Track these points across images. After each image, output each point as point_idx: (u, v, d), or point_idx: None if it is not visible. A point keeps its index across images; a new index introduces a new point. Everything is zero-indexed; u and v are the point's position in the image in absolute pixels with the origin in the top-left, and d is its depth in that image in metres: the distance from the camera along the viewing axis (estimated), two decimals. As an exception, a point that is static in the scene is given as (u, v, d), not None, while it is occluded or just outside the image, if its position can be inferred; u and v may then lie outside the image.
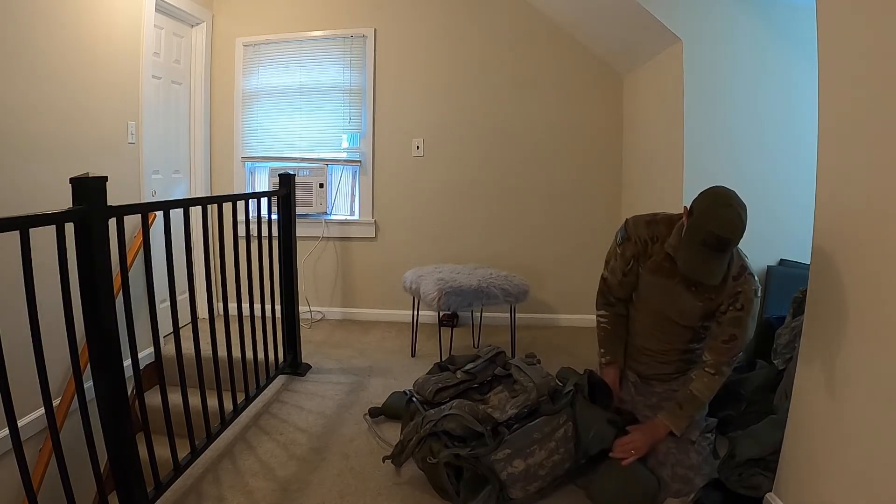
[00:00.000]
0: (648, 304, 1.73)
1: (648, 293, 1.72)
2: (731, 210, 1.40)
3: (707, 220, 1.41)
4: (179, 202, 1.82)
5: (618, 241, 1.73)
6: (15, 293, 1.30)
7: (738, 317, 1.54)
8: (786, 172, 2.43)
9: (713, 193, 1.46)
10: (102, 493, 1.44)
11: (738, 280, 1.54)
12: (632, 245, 1.68)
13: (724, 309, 1.56)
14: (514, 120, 3.41)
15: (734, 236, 1.41)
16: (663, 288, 1.65)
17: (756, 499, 1.57)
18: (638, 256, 1.69)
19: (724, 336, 1.56)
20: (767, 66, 2.40)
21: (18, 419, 1.19)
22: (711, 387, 1.59)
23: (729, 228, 1.39)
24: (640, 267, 1.70)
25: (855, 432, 1.23)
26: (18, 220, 1.14)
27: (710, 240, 1.39)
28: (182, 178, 3.42)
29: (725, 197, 1.44)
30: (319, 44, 3.52)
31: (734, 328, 1.55)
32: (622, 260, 1.72)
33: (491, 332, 3.21)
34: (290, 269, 2.56)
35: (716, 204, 1.42)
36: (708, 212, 1.42)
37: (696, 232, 1.42)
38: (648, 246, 1.66)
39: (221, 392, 1.98)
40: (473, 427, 1.67)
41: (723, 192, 1.46)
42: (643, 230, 1.66)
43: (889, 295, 1.14)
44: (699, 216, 1.43)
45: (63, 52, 2.32)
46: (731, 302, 1.54)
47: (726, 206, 1.41)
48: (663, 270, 1.63)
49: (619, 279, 1.75)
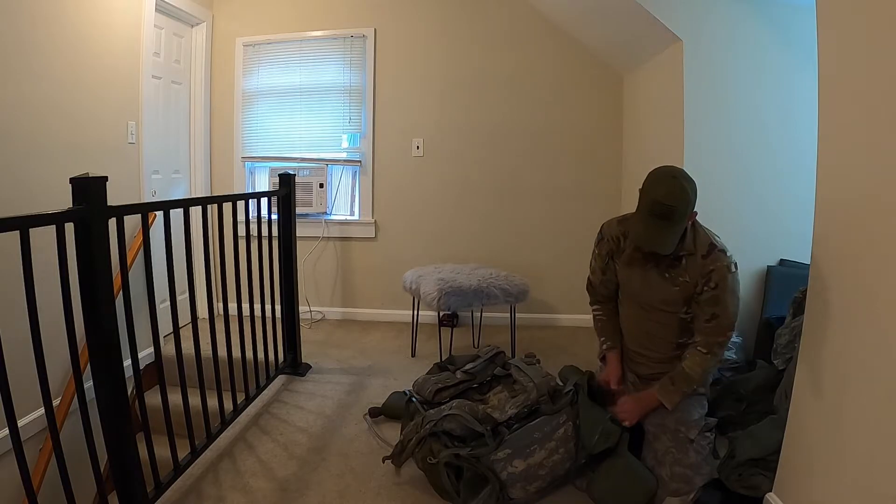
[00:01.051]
0: (631, 296, 1.78)
1: (628, 286, 1.77)
2: (675, 181, 1.51)
3: (652, 191, 1.52)
4: (179, 202, 1.82)
5: (595, 242, 1.83)
6: (15, 293, 1.30)
7: (714, 295, 1.58)
8: (786, 172, 2.43)
9: (660, 169, 1.57)
10: (102, 493, 1.44)
11: (707, 258, 1.58)
12: (605, 243, 1.79)
13: (700, 289, 1.60)
14: (515, 120, 3.41)
15: (678, 203, 1.49)
16: (640, 278, 1.70)
17: (756, 499, 1.57)
18: (612, 253, 1.77)
19: (706, 316, 1.61)
20: (767, 66, 2.40)
21: (18, 419, 1.19)
22: (703, 365, 1.62)
23: (672, 196, 1.49)
24: (615, 263, 1.77)
25: (854, 432, 1.23)
26: (18, 220, 1.14)
27: (656, 208, 1.49)
28: (182, 178, 3.42)
29: (670, 171, 1.55)
30: (319, 44, 3.52)
31: (713, 307, 1.59)
32: (599, 259, 1.82)
33: (491, 332, 3.21)
34: (290, 269, 2.56)
35: (660, 177, 1.54)
36: (653, 184, 1.53)
37: (644, 203, 1.53)
38: (621, 242, 1.74)
39: (221, 392, 1.98)
40: (473, 427, 1.67)
41: (668, 168, 1.57)
42: (615, 228, 1.75)
43: (889, 295, 1.14)
44: (645, 189, 1.54)
45: (63, 51, 2.32)
46: (706, 282, 1.58)
47: (670, 176, 1.52)
48: (636, 261, 1.69)
49: (600, 278, 1.84)
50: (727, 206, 2.40)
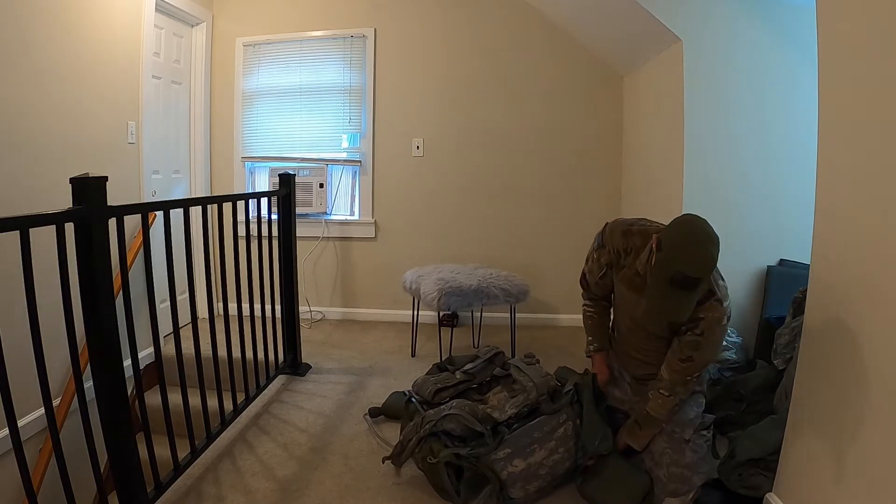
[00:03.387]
0: (623, 308, 1.75)
1: (622, 301, 1.74)
2: (702, 248, 1.34)
3: (676, 259, 1.34)
4: (179, 202, 1.82)
5: (595, 246, 1.74)
6: (15, 293, 1.30)
7: (695, 341, 1.51)
8: (786, 172, 2.43)
9: (685, 230, 1.39)
10: (102, 493, 1.44)
11: (702, 305, 1.48)
12: (606, 253, 1.69)
13: (685, 330, 1.53)
14: (515, 119, 3.41)
15: (704, 275, 1.36)
16: (634, 300, 1.64)
17: (756, 499, 1.57)
18: (611, 265, 1.70)
19: (682, 355, 1.54)
20: (768, 66, 2.40)
21: (18, 419, 1.19)
22: (667, 407, 1.59)
23: (699, 268, 1.34)
24: (613, 275, 1.71)
25: (855, 432, 1.23)
26: (18, 220, 1.14)
27: (679, 278, 1.34)
28: (182, 178, 3.42)
29: (696, 233, 1.37)
30: (319, 44, 3.51)
31: (692, 350, 1.52)
32: (597, 265, 1.73)
33: (491, 332, 3.21)
34: (290, 269, 2.56)
35: (686, 242, 1.36)
36: (678, 250, 1.35)
37: (666, 269, 1.37)
38: (622, 257, 1.65)
39: (221, 392, 1.98)
40: (473, 427, 1.67)
41: (695, 227, 1.39)
42: (619, 240, 1.64)
43: (889, 295, 1.14)
44: (669, 252, 1.36)
45: (63, 51, 2.32)
46: (692, 326, 1.50)
47: (697, 244, 1.35)
48: (634, 285, 1.62)
49: (596, 280, 1.77)
50: (727, 206, 2.40)
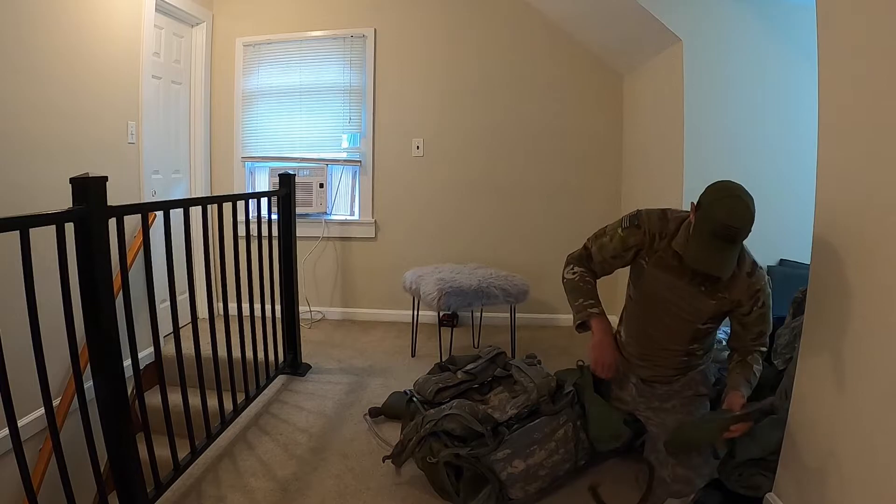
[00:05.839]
0: (653, 298, 1.68)
1: (654, 288, 1.66)
2: (740, 200, 1.38)
3: (716, 211, 1.38)
4: (179, 202, 1.82)
5: (624, 225, 1.66)
6: (15, 293, 1.30)
7: (762, 314, 1.56)
8: (786, 172, 2.43)
9: (720, 186, 1.44)
10: (102, 493, 1.44)
11: (752, 277, 1.53)
12: (640, 234, 1.63)
13: (748, 310, 1.55)
14: (515, 120, 3.41)
15: (744, 225, 1.38)
16: (670, 285, 1.61)
17: (756, 499, 1.57)
18: (642, 248, 1.64)
19: (752, 335, 1.59)
20: (767, 65, 2.40)
21: (18, 419, 1.19)
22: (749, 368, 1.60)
23: (739, 217, 1.37)
24: (643, 261, 1.65)
25: (855, 432, 1.23)
26: (18, 220, 1.14)
27: (720, 230, 1.37)
28: (182, 178, 3.42)
29: (733, 188, 1.41)
30: (319, 44, 3.51)
31: (761, 325, 1.57)
32: (621, 244, 1.66)
33: (491, 332, 3.21)
34: (290, 269, 2.56)
35: (724, 195, 1.40)
36: (717, 203, 1.39)
37: (706, 223, 1.39)
38: (656, 240, 1.62)
39: (221, 392, 1.98)
40: (474, 427, 1.67)
41: (730, 184, 1.44)
42: (655, 223, 1.62)
43: (889, 295, 1.14)
44: (708, 207, 1.40)
45: (63, 52, 2.32)
46: (754, 302, 1.54)
47: (735, 196, 1.39)
48: (671, 269, 1.60)
49: (606, 258, 1.70)
50: (727, 205, 2.40)
